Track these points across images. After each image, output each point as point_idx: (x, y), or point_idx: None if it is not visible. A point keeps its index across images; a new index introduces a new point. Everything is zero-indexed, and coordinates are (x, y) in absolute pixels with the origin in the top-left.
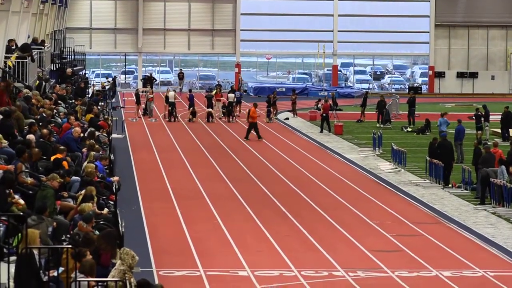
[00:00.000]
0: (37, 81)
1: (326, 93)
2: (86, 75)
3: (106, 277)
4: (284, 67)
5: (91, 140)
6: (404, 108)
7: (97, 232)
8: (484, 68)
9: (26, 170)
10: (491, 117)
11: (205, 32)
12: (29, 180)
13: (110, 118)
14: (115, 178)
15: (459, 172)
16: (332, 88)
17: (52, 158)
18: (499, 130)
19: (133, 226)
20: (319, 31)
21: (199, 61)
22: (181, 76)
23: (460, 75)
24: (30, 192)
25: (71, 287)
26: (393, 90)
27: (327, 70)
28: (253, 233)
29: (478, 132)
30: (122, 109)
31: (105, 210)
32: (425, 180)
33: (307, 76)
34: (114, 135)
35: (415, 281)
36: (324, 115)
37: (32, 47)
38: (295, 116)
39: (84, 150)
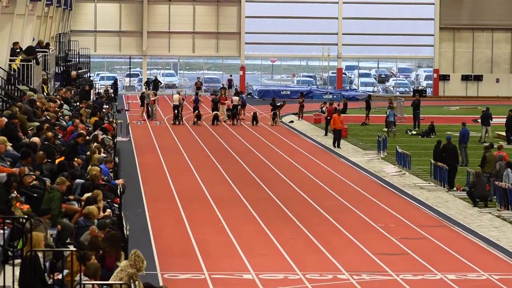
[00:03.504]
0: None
1: (331, 96)
2: (91, 78)
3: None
4: (289, 70)
5: (96, 144)
6: (408, 111)
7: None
8: (488, 71)
9: (31, 173)
10: (494, 120)
11: (210, 35)
12: (33, 177)
13: (115, 121)
14: (120, 181)
15: (463, 175)
16: (336, 91)
17: (57, 161)
18: (503, 133)
19: (137, 228)
20: (324, 34)
21: (203, 64)
22: (198, 85)
23: (465, 78)
24: (35, 195)
25: None
26: (397, 93)
27: (332, 73)
28: (257, 236)
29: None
30: (126, 112)
31: (108, 211)
32: (429, 183)
33: (312, 79)
34: (119, 138)
35: (419, 284)
36: (328, 118)
37: (36, 50)
38: (300, 119)
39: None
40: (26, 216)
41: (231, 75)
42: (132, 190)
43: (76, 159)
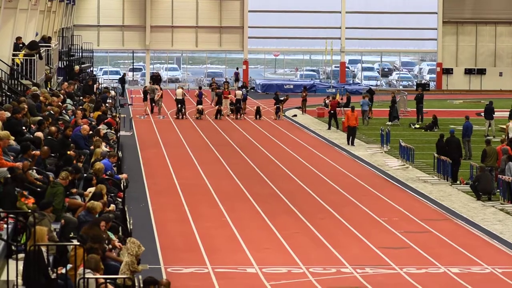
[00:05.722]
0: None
1: (334, 90)
2: (94, 73)
3: (117, 271)
4: (292, 64)
5: (97, 138)
6: (412, 105)
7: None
8: (492, 65)
9: (34, 167)
10: (497, 113)
11: (213, 29)
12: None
13: (118, 115)
14: (124, 176)
15: (467, 169)
16: (340, 85)
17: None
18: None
19: (141, 223)
20: (327, 28)
21: (206, 58)
22: (214, 87)
23: (468, 71)
24: (38, 189)
25: (79, 284)
26: (401, 87)
27: (335, 67)
28: (261, 230)
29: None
30: (130, 106)
31: (112, 206)
32: (433, 177)
33: (315, 73)
34: (122, 133)
35: (423, 278)
36: (331, 112)
37: (40, 44)
38: (303, 113)
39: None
40: (29, 211)
41: (237, 68)
42: (135, 184)
43: (69, 152)
